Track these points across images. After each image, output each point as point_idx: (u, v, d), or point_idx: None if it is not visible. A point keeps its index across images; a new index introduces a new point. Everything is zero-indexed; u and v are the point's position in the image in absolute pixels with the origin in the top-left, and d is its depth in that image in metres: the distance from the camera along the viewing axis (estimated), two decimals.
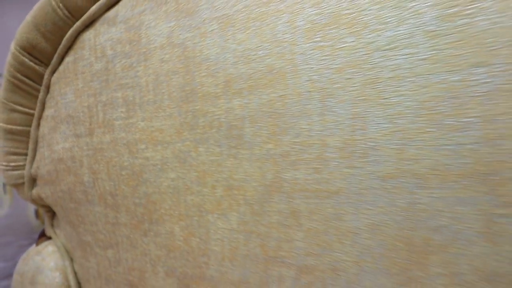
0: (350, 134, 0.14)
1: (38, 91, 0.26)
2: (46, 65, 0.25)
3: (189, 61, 0.18)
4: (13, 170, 0.28)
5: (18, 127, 0.27)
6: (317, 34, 0.14)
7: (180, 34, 0.18)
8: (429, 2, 0.12)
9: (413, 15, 0.13)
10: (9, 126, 0.27)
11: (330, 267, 0.15)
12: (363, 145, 0.14)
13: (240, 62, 0.16)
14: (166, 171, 0.20)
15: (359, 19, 0.14)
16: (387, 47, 0.13)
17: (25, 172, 0.28)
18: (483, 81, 0.12)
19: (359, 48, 0.14)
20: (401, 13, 0.13)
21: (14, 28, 1.13)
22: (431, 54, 0.12)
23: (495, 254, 0.12)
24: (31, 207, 1.20)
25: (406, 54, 0.13)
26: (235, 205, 0.18)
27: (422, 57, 0.13)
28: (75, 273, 0.29)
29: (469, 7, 0.12)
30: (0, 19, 1.11)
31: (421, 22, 0.12)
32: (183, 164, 0.19)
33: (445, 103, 0.12)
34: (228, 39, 0.17)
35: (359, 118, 0.14)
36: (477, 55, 0.12)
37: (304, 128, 0.15)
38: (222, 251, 0.18)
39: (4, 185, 1.13)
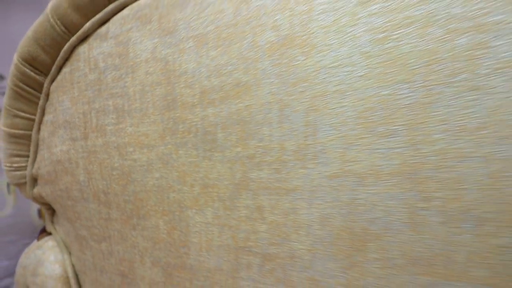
0: (303, 139, 0.16)
1: (39, 98, 0.28)
2: (46, 75, 0.27)
3: (170, 74, 0.20)
4: (16, 170, 0.30)
5: (20, 131, 0.29)
6: (276, 53, 0.17)
7: (162, 50, 0.20)
8: (364, 28, 0.15)
9: (352, 38, 0.15)
10: (12, 130, 0.29)
11: (288, 254, 0.17)
12: (314, 149, 0.16)
13: (212, 75, 0.19)
14: (151, 171, 0.22)
15: (309, 41, 0.16)
16: (332, 65, 0.15)
17: (27, 172, 0.30)
18: (406, 95, 0.14)
19: (309, 66, 0.16)
20: (342, 36, 0.15)
21: (17, 31, 1.16)
22: (366, 71, 0.15)
23: (418, 241, 0.14)
24: (34, 207, 1.23)
25: (347, 71, 0.15)
26: (210, 201, 0.20)
27: (359, 74, 0.15)
28: (73, 266, 0.31)
29: (396, 32, 0.14)
30: (4, 23, 1.14)
31: (358, 44, 0.15)
32: (166, 165, 0.21)
33: (378, 113, 0.15)
34: (202, 55, 0.19)
35: (310, 126, 0.16)
36: (402, 73, 0.14)
37: (266, 134, 0.17)
38: (199, 242, 0.21)
39: (8, 185, 1.16)
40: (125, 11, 0.22)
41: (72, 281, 0.30)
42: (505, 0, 0.12)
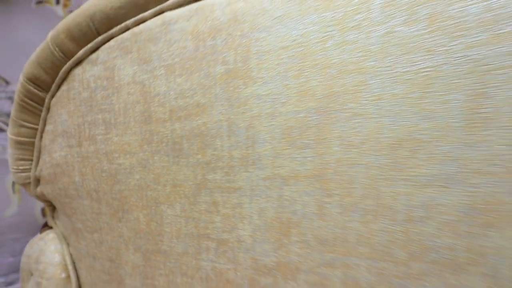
0: (245, 149, 0.21)
1: (41, 111, 0.33)
2: (47, 91, 0.32)
3: (146, 95, 0.25)
4: (21, 172, 0.35)
5: (25, 139, 0.34)
6: (225, 82, 0.21)
7: (140, 75, 0.25)
8: (285, 66, 0.19)
9: (277, 73, 0.20)
10: (19, 138, 0.34)
11: (236, 239, 0.22)
12: (253, 157, 0.21)
13: (179, 97, 0.23)
14: (133, 173, 0.27)
15: (248, 74, 0.20)
16: (264, 93, 0.20)
17: (31, 174, 0.35)
18: (315, 117, 0.19)
19: (249, 93, 0.21)
20: (271, 72, 0.20)
21: (21, 38, 1.21)
22: (287, 99, 0.19)
23: (324, 227, 0.19)
24: (38, 207, 1.29)
25: (274, 99, 0.20)
26: (178, 198, 0.25)
27: (283, 101, 0.19)
28: (71, 255, 0.36)
29: (306, 71, 0.19)
30: (8, 30, 1.19)
31: (282, 78, 0.19)
32: (144, 168, 0.26)
33: (296, 130, 0.19)
34: (171, 81, 0.24)
35: (250, 139, 0.21)
36: (311, 101, 0.19)
37: (219, 145, 0.22)
38: (171, 231, 0.25)
39: (13, 186, 1.21)
40: (111, 42, 0.27)
41: (70, 267, 0.35)
42: (377, 50, 0.17)
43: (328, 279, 0.19)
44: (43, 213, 1.29)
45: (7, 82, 1.20)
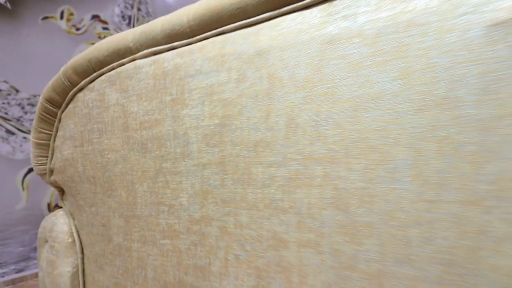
0: (183, 147, 0.34)
1: (54, 122, 0.46)
2: (59, 108, 0.45)
3: (126, 113, 0.38)
4: (40, 165, 0.49)
5: (43, 141, 0.47)
6: (171, 106, 0.35)
7: (121, 100, 0.39)
8: (208, 99, 0.33)
9: (201, 102, 0.33)
10: (38, 141, 0.47)
11: (179, 203, 0.35)
12: (188, 152, 0.34)
13: (145, 115, 0.37)
14: (117, 164, 0.40)
15: (183, 101, 0.34)
16: (192, 114, 0.33)
17: (47, 166, 0.49)
18: (218, 129, 0.32)
19: (184, 113, 0.34)
20: (195, 101, 0.33)
21: (28, 48, 1.35)
22: (204, 117, 0.33)
23: (225, 192, 0.32)
24: (45, 202, 1.43)
25: (197, 118, 0.33)
26: (145, 179, 0.38)
27: (202, 118, 0.33)
28: (75, 225, 0.49)
29: (213, 98, 0.32)
30: (17, 40, 1.32)
31: (203, 105, 0.33)
32: (125, 161, 0.39)
33: (209, 136, 0.32)
34: (140, 104, 0.37)
35: (186, 141, 0.34)
36: (215, 120, 0.32)
37: (169, 145, 0.35)
38: (141, 202, 0.39)
39: (22, 183, 1.35)
40: (102, 77, 0.40)
41: (75, 234, 0.48)
42: (250, 94, 0.30)
43: (227, 222, 0.32)
44: (49, 208, 1.43)
45: (17, 91, 1.34)
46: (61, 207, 0.53)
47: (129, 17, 1.85)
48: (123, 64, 0.38)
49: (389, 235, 0.24)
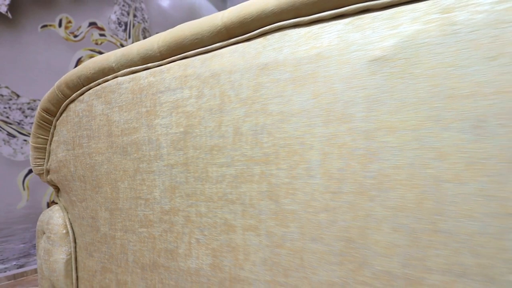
0: (156, 151, 0.41)
1: (50, 128, 0.53)
2: (54, 116, 0.52)
3: (109, 121, 0.45)
4: (38, 166, 0.56)
5: (40, 145, 0.54)
6: (146, 116, 0.42)
7: (106, 110, 0.46)
8: (177, 114, 0.40)
9: (170, 113, 0.40)
10: (36, 145, 0.54)
11: (153, 198, 0.42)
12: (159, 155, 0.41)
13: (125, 123, 0.44)
14: (103, 165, 0.47)
15: (156, 112, 0.41)
16: (162, 123, 0.40)
17: (44, 167, 0.56)
18: (182, 136, 0.39)
19: (157, 122, 0.41)
20: (165, 113, 0.40)
21: (29, 54, 1.42)
22: (171, 126, 0.40)
23: (189, 188, 0.39)
24: (44, 201, 1.50)
25: (166, 127, 0.40)
26: (126, 178, 0.45)
27: (170, 127, 0.40)
28: (69, 218, 0.56)
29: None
30: (19, 53, 1.39)
31: (171, 115, 0.40)
32: (109, 162, 0.46)
33: (176, 142, 0.40)
34: (121, 114, 0.44)
35: (158, 146, 0.41)
36: (181, 128, 0.39)
37: (144, 149, 0.42)
38: (123, 196, 0.46)
39: (23, 183, 1.42)
40: (90, 91, 0.47)
41: (68, 226, 0.55)
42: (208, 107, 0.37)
43: (190, 212, 0.39)
44: (48, 206, 1.50)
45: (17, 96, 1.41)
46: (56, 203, 0.60)
47: (125, 24, 1.92)
48: (107, 80, 0.45)
49: (306, 219, 0.31)
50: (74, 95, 0.49)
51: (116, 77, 0.45)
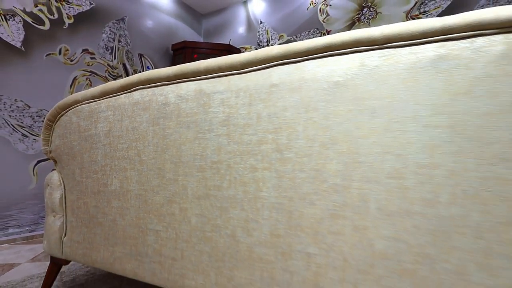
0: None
1: (51, 129, 1.04)
2: (53, 123, 1.02)
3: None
4: (45, 148, 1.06)
5: (46, 138, 1.05)
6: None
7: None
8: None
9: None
10: (44, 138, 1.05)
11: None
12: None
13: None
14: (75, 146, 0.97)
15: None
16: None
17: (48, 149, 1.06)
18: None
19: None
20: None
21: (37, 80, 1.93)
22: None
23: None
24: None
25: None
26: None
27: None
28: (62, 177, 1.06)
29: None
30: (29, 75, 1.90)
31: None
32: (79, 144, 0.96)
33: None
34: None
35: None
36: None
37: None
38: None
39: (33, 170, 1.94)
40: (70, 111, 0.97)
41: (61, 180, 1.05)
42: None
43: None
44: None
45: (29, 106, 1.92)
46: (55, 169, 1.10)
47: (112, 48, 2.44)
48: (77, 106, 0.96)
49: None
50: (62, 111, 0.99)
51: (81, 105, 0.95)
